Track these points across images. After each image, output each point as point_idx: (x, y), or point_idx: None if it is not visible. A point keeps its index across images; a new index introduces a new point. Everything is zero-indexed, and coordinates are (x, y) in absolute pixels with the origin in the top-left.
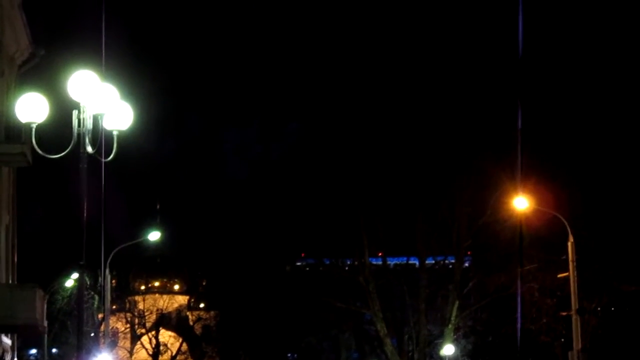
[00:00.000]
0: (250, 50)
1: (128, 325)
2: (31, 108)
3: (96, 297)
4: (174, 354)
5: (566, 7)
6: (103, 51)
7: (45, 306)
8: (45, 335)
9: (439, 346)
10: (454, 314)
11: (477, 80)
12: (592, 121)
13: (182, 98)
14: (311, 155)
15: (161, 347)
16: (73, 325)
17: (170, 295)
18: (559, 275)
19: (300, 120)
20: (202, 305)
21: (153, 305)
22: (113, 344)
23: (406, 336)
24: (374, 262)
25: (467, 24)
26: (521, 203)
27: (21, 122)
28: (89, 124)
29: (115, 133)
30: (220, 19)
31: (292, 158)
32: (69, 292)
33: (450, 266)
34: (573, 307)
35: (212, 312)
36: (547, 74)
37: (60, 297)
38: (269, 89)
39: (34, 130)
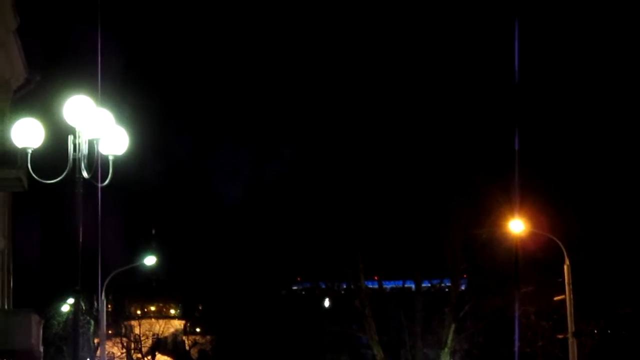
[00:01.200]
0: (245, 73)
1: (124, 350)
2: (27, 133)
3: (92, 322)
4: None
5: (563, 29)
6: (99, 76)
7: (41, 331)
8: None
9: None
10: (450, 337)
11: (473, 103)
12: (588, 144)
13: (177, 122)
14: (306, 178)
15: None
16: (69, 350)
17: (166, 320)
18: (556, 298)
19: (296, 142)
20: (198, 329)
21: (149, 330)
22: None
23: None
24: (370, 286)
25: (463, 46)
26: (517, 226)
27: (17, 147)
28: (84, 149)
29: (111, 158)
30: (212, 41)
31: (288, 181)
32: (65, 317)
33: (447, 289)
34: (570, 330)
35: (208, 337)
36: (544, 96)
37: (56, 322)
38: (264, 112)
39: (29, 155)
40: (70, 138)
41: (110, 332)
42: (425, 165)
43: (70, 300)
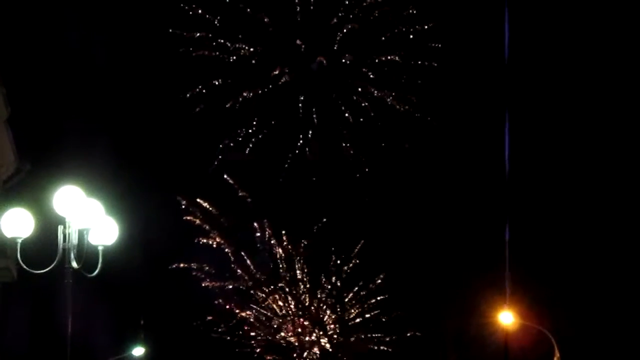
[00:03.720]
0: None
1: None
2: (16, 223)
3: None
4: None
5: (551, 115)
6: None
7: None
8: None
9: None
10: None
11: (464, 197)
12: (578, 235)
13: (167, 212)
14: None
15: None
16: None
17: None
18: None
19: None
20: None
21: None
22: None
23: None
24: None
25: (449, 134)
26: (507, 318)
27: (6, 237)
28: (74, 239)
29: (100, 248)
30: (200, 131)
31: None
32: None
33: None
34: None
35: None
36: (533, 186)
37: None
38: (252, 205)
39: (19, 245)
40: (60, 228)
41: None
42: (414, 256)
43: None
